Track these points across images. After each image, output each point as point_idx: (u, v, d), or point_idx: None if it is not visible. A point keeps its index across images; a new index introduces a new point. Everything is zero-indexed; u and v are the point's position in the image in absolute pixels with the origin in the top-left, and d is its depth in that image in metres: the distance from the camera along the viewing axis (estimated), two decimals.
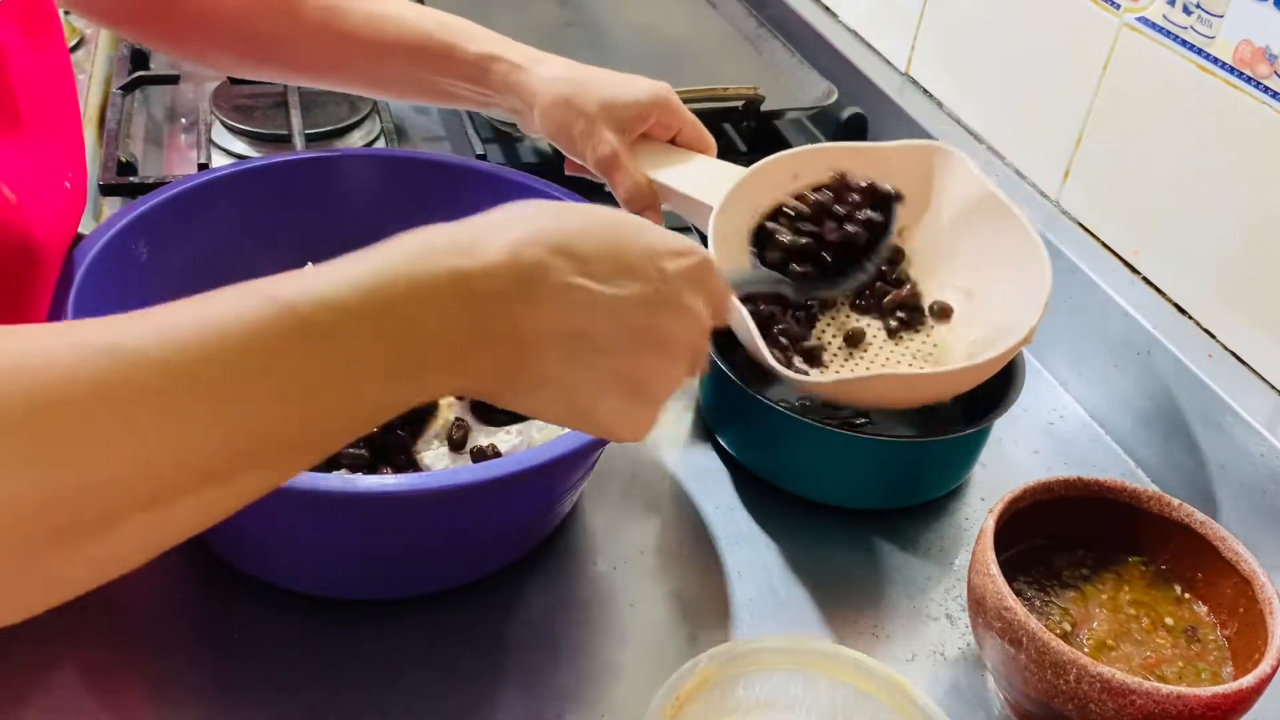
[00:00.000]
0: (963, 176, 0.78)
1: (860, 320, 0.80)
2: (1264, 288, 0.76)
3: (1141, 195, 0.85)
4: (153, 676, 0.60)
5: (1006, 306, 0.73)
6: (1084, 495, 0.65)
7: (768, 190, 0.78)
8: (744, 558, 0.71)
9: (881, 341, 0.79)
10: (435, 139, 1.11)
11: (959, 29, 1.05)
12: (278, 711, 0.59)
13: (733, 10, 1.29)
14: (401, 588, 0.65)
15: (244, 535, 0.63)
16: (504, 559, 0.67)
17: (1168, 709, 0.53)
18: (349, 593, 0.65)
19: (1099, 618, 0.62)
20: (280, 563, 0.64)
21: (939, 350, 0.78)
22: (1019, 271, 0.73)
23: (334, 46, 0.77)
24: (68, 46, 0.70)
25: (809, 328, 0.78)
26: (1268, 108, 0.73)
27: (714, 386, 0.78)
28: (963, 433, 0.72)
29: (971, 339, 0.76)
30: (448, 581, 0.65)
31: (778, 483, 0.75)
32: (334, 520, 0.60)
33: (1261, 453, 0.72)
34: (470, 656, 0.63)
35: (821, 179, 0.78)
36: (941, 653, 0.66)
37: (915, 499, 0.75)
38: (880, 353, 0.78)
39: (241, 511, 0.38)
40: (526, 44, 0.78)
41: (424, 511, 0.60)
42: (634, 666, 0.63)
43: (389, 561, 0.63)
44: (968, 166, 0.78)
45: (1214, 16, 0.77)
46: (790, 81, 1.14)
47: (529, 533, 0.67)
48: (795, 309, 0.78)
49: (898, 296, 0.79)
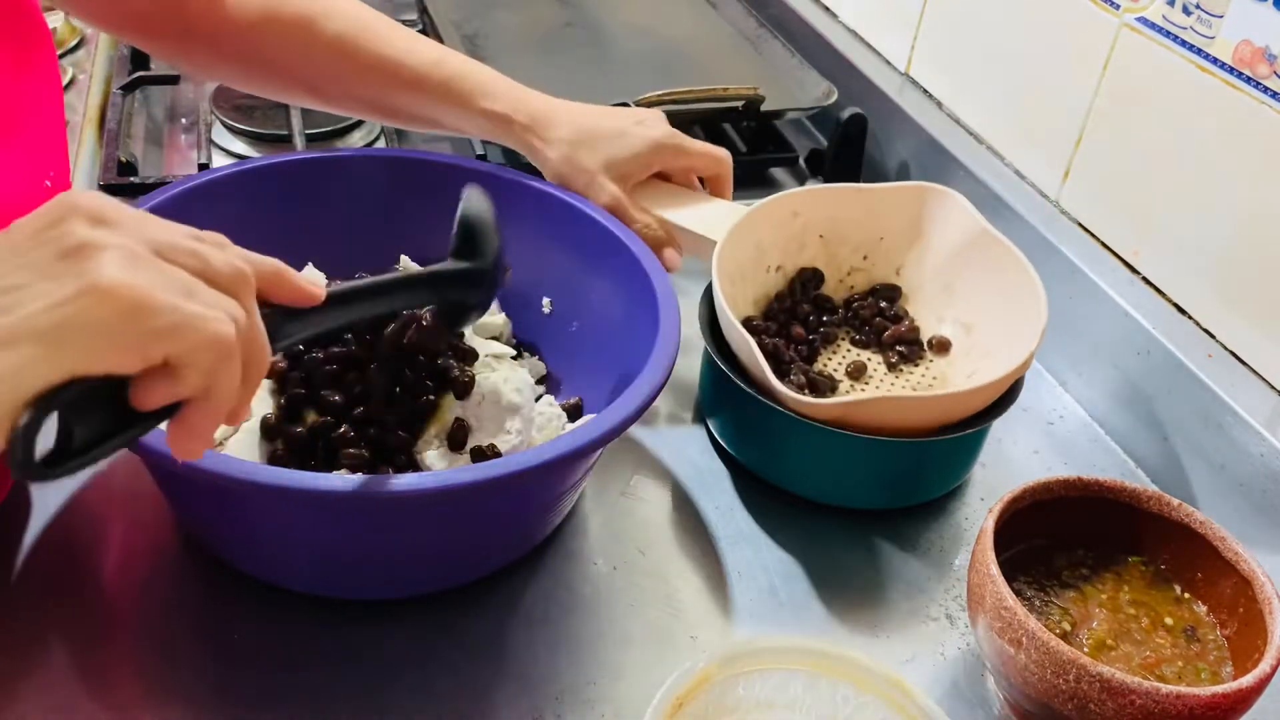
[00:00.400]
0: (957, 214, 0.82)
1: (861, 354, 0.83)
2: (1264, 288, 0.76)
3: (1141, 195, 0.85)
4: (152, 676, 0.61)
5: (1004, 338, 0.76)
6: (1084, 495, 0.65)
7: (768, 227, 0.82)
8: (744, 558, 0.71)
9: (882, 375, 0.82)
10: (435, 139, 1.11)
11: (959, 29, 1.05)
12: (278, 712, 0.59)
13: (733, 10, 1.29)
14: (402, 588, 0.65)
15: (243, 534, 0.63)
16: (504, 559, 0.67)
17: (1167, 709, 0.53)
18: (349, 593, 0.65)
19: (1099, 617, 0.62)
20: (280, 562, 0.64)
21: (938, 383, 0.81)
22: (1015, 304, 0.76)
23: (346, 75, 0.78)
24: (53, 42, 0.70)
25: (811, 362, 0.81)
26: (1267, 108, 0.74)
27: (714, 387, 0.78)
28: (962, 433, 0.72)
29: (970, 371, 0.79)
30: (448, 582, 0.65)
31: (778, 483, 0.75)
32: (334, 520, 0.60)
33: (1261, 453, 0.72)
34: (470, 656, 0.63)
35: (820, 220, 0.84)
36: (941, 653, 0.66)
37: (915, 499, 0.75)
38: (881, 385, 0.81)
39: (241, 510, 0.38)
40: (526, 44, 0.79)
41: (424, 511, 0.60)
42: (634, 666, 0.63)
43: (389, 562, 0.63)
44: (962, 204, 0.82)
45: (1214, 16, 0.77)
46: (790, 81, 1.14)
47: (529, 533, 0.68)
48: (798, 343, 0.81)
49: (896, 331, 0.83)
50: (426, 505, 0.58)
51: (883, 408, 0.69)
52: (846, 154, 1.06)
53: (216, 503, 0.61)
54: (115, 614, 0.63)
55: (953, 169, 1.00)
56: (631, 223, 0.78)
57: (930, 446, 0.72)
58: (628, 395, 0.61)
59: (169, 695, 0.59)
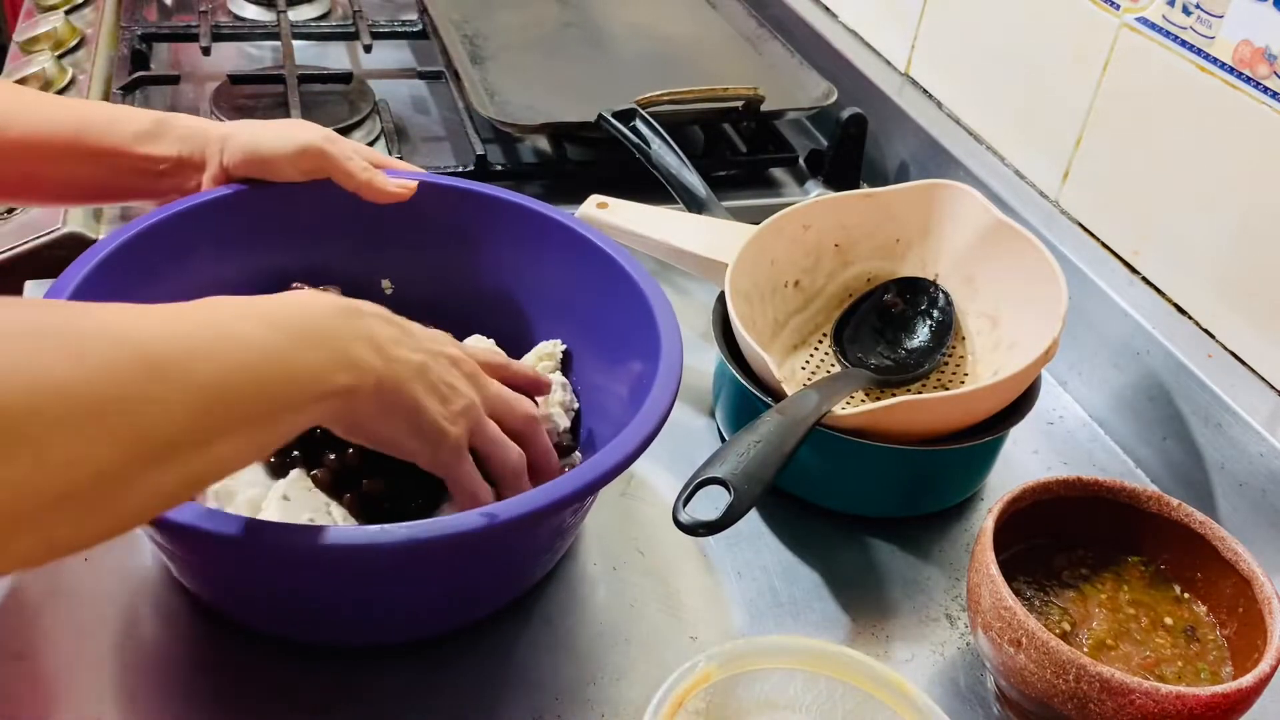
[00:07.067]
0: (971, 208, 0.81)
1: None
2: (1263, 288, 0.76)
3: (1141, 195, 0.85)
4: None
5: (1029, 327, 0.75)
6: (1084, 495, 0.65)
7: (781, 243, 0.82)
8: (744, 558, 0.71)
9: None
10: (435, 138, 1.11)
11: (959, 29, 1.05)
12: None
13: (733, 10, 1.29)
14: (382, 636, 0.63)
15: (243, 589, 0.61)
16: (495, 603, 0.65)
17: (1167, 708, 0.53)
18: (345, 641, 0.63)
19: (1098, 617, 0.62)
20: (276, 613, 0.62)
21: (969, 379, 0.80)
22: (1037, 291, 0.75)
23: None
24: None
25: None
26: (1267, 108, 0.74)
27: (727, 391, 0.78)
28: (979, 440, 0.71)
29: (997, 364, 0.78)
30: (428, 632, 0.63)
31: (791, 491, 0.74)
32: (310, 571, 0.58)
33: (1260, 452, 0.72)
34: (469, 656, 0.63)
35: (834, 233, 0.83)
36: (941, 653, 0.66)
37: (931, 507, 0.75)
38: (911, 386, 0.80)
39: (240, 569, 0.38)
40: (526, 44, 0.79)
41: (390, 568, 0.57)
42: (634, 666, 0.63)
43: (363, 615, 0.61)
44: (974, 198, 0.81)
45: (1214, 17, 0.77)
46: (790, 82, 1.14)
47: (519, 578, 0.65)
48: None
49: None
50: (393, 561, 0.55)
51: (908, 411, 0.68)
52: (846, 154, 1.06)
53: (195, 554, 0.59)
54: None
55: (953, 169, 1.00)
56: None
57: (949, 455, 0.72)
58: (610, 448, 0.58)
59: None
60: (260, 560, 0.57)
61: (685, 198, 0.90)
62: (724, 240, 0.80)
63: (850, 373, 0.76)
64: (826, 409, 0.66)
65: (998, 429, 0.72)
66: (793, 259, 0.83)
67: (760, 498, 0.60)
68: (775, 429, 0.63)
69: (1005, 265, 0.79)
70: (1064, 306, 0.72)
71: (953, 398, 0.71)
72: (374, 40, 1.19)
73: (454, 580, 0.61)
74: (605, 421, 0.69)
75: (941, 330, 0.81)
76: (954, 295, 0.83)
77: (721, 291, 0.75)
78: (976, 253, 0.81)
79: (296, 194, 0.73)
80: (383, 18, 1.28)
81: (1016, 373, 0.69)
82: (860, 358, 0.80)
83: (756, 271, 0.79)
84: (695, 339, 0.85)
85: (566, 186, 1.01)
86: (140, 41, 1.16)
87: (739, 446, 0.61)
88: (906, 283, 0.84)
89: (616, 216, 0.85)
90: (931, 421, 0.70)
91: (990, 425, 0.72)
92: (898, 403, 0.68)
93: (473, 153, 1.02)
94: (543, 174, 1.05)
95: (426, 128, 1.13)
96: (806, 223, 0.82)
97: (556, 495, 0.55)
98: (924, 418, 0.69)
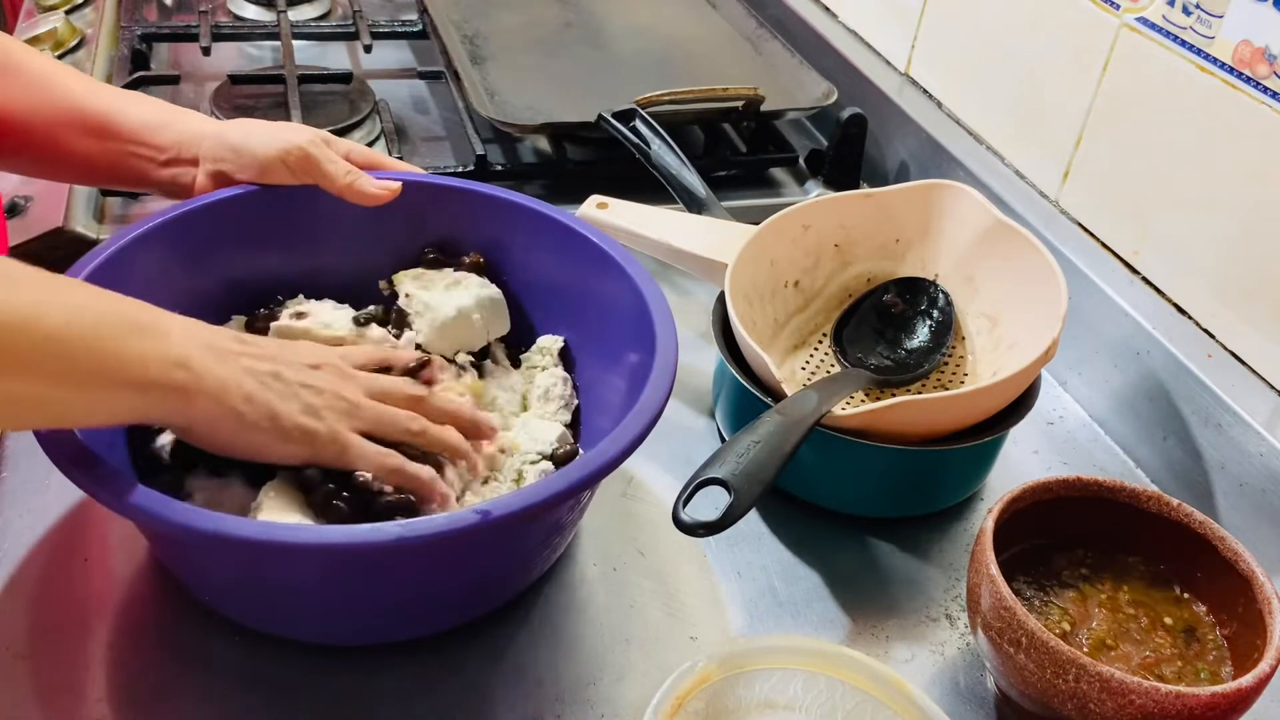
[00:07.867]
0: (970, 208, 0.81)
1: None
2: (1263, 288, 0.76)
3: (1141, 195, 0.85)
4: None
5: (1029, 326, 0.75)
6: (1083, 495, 0.65)
7: (781, 244, 0.82)
8: (744, 558, 0.71)
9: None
10: (435, 138, 1.11)
11: (959, 29, 1.05)
12: None
13: (733, 10, 1.29)
14: (383, 635, 0.63)
15: (238, 589, 0.61)
16: (488, 605, 0.65)
17: (1167, 708, 0.53)
18: (344, 640, 0.63)
19: (1098, 617, 0.62)
20: (271, 611, 0.62)
21: (968, 379, 0.80)
22: (1037, 291, 0.75)
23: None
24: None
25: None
26: (1267, 108, 0.74)
27: (727, 392, 0.78)
28: (979, 440, 0.71)
29: (997, 364, 0.78)
30: (428, 629, 0.63)
31: (790, 490, 0.74)
32: (312, 568, 0.58)
33: (1260, 453, 0.72)
34: (470, 657, 0.63)
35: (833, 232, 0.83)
36: (941, 653, 0.66)
37: (930, 508, 0.75)
38: (911, 386, 0.80)
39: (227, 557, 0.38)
40: (526, 44, 0.78)
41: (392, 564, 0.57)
42: (634, 667, 0.63)
43: (362, 613, 0.61)
44: (973, 197, 0.81)
45: (1214, 17, 0.77)
46: (790, 81, 1.14)
47: (513, 578, 0.65)
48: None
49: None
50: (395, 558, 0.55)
51: (907, 411, 0.68)
52: (846, 154, 1.06)
53: (197, 555, 0.59)
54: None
55: (953, 169, 1.00)
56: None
57: (949, 455, 0.72)
58: (603, 444, 0.58)
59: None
60: (255, 559, 0.57)
61: (685, 198, 0.90)
62: (724, 240, 0.80)
63: (850, 373, 0.76)
64: (826, 409, 0.66)
65: (998, 429, 0.72)
66: (792, 259, 0.83)
67: (760, 498, 0.60)
68: (775, 429, 0.63)
69: (1005, 265, 0.79)
70: (1064, 306, 0.72)
71: (953, 398, 0.71)
72: (374, 40, 1.19)
73: (452, 578, 0.61)
74: (606, 416, 0.70)
75: (941, 330, 0.81)
76: (954, 295, 0.83)
77: (721, 292, 0.75)
78: (976, 253, 0.81)
79: (295, 196, 0.73)
80: (383, 18, 1.28)
81: (1016, 373, 0.69)
82: (860, 358, 0.80)
83: (756, 272, 0.80)
84: (695, 339, 0.85)
85: (566, 186, 1.01)
86: (140, 41, 1.16)
87: (739, 447, 0.61)
88: (906, 283, 0.84)
89: (616, 217, 0.85)
90: (931, 422, 0.70)
91: (990, 425, 0.72)
92: (897, 403, 0.68)
93: (473, 153, 1.02)
94: (543, 174, 1.05)
95: (426, 128, 1.13)
96: (806, 223, 0.83)
97: (549, 491, 0.55)
98: (924, 418, 0.69)
